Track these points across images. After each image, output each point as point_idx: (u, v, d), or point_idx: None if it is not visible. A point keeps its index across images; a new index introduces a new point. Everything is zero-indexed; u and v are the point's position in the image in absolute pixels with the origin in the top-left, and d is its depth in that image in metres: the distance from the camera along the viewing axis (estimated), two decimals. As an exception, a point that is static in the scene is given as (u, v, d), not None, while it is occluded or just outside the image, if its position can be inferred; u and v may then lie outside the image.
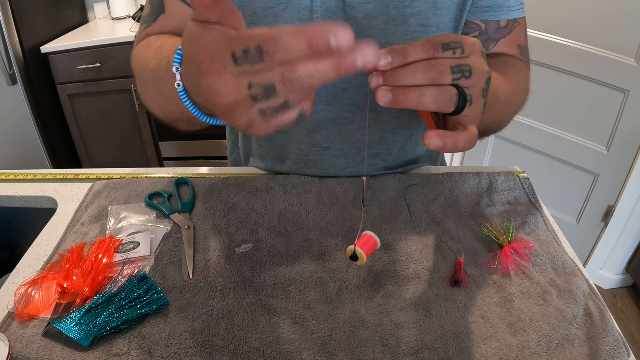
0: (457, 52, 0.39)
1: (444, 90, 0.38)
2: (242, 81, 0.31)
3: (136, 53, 0.62)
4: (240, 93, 0.32)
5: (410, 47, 0.38)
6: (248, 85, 0.31)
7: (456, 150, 0.40)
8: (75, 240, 0.65)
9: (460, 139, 0.40)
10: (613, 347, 0.51)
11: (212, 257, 0.63)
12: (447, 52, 0.39)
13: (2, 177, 0.81)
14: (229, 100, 0.32)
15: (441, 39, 0.39)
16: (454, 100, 0.38)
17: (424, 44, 0.38)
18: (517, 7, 0.67)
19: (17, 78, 1.98)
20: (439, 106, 0.38)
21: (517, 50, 0.70)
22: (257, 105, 0.32)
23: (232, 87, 0.32)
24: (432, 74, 0.38)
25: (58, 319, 0.53)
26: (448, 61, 0.38)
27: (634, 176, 1.66)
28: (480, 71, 0.40)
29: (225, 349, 0.51)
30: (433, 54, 0.38)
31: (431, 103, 0.38)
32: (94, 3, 2.53)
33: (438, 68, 0.38)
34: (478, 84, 0.40)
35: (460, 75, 0.38)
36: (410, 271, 0.61)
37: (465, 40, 0.40)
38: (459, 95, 0.38)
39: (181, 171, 0.83)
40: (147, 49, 0.58)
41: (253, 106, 0.32)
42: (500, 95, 0.55)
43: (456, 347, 0.51)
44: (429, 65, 0.38)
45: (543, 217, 0.71)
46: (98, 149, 2.40)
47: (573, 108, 1.75)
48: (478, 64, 0.40)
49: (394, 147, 0.77)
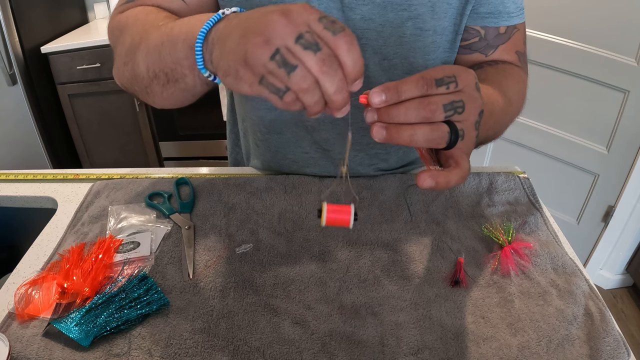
0: (450, 86, 0.39)
1: (436, 128, 0.39)
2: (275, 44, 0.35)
3: (125, 17, 0.60)
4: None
5: (404, 84, 0.39)
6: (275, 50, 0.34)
7: (448, 187, 0.41)
8: (75, 240, 0.65)
9: (451, 177, 0.41)
10: (613, 347, 0.51)
11: (212, 257, 0.63)
12: (441, 88, 0.39)
13: (2, 177, 0.81)
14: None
15: (435, 74, 0.39)
16: (445, 137, 0.39)
17: (417, 80, 0.39)
18: (516, 12, 0.67)
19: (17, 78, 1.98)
20: (431, 144, 0.39)
21: (515, 57, 0.70)
22: (269, 67, 0.35)
23: None
24: (425, 112, 0.38)
25: (58, 319, 0.53)
26: (441, 98, 0.39)
27: (634, 176, 1.66)
28: (473, 105, 0.41)
29: (225, 349, 0.51)
30: (426, 90, 0.39)
31: (423, 140, 0.39)
32: (94, 3, 2.53)
33: (430, 107, 0.38)
34: (470, 117, 0.41)
35: (452, 112, 0.39)
36: (410, 271, 0.61)
37: (459, 74, 0.40)
38: (450, 131, 0.39)
39: (181, 171, 0.83)
40: (148, 15, 0.57)
41: (266, 65, 0.35)
42: (497, 109, 0.56)
43: (456, 347, 0.51)
44: (421, 103, 0.38)
45: (543, 217, 0.71)
46: (98, 149, 2.40)
47: (573, 108, 1.75)
48: (471, 98, 0.41)
49: (392, 148, 0.77)
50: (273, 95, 0.36)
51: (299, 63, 0.34)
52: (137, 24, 0.57)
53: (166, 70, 0.49)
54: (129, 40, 0.56)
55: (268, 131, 0.76)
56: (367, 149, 0.76)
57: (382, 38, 0.64)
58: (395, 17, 0.63)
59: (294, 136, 0.75)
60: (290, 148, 0.77)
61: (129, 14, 0.60)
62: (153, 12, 0.58)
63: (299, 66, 0.34)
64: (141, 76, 0.53)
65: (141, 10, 0.60)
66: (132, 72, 0.55)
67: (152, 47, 0.51)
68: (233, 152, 0.94)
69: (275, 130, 0.76)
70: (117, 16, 0.63)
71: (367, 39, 0.64)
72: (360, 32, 0.64)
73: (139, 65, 0.53)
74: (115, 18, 0.63)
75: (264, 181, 0.77)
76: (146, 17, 0.57)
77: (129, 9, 0.63)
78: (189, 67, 0.46)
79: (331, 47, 0.35)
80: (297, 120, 0.73)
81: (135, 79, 0.55)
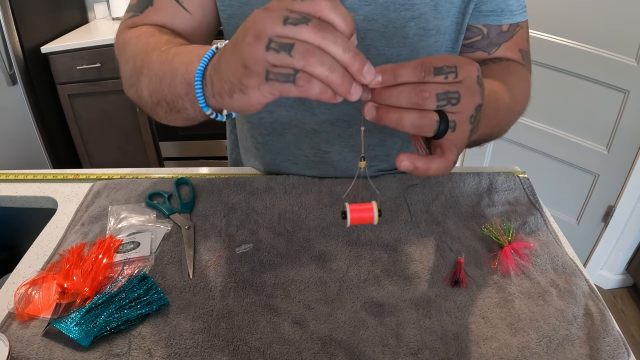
0: (449, 76, 0.39)
1: (424, 115, 0.38)
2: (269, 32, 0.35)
3: (129, 38, 0.61)
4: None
5: (402, 67, 0.39)
6: (269, 40, 0.34)
7: (427, 174, 0.41)
8: (75, 240, 0.65)
9: (432, 164, 0.40)
10: (613, 347, 0.51)
11: (212, 257, 0.63)
12: (439, 77, 0.39)
13: (2, 177, 0.81)
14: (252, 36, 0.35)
15: (435, 62, 0.39)
16: (433, 126, 0.39)
17: (416, 66, 0.39)
18: (519, 10, 0.67)
19: (17, 78, 1.98)
20: (417, 130, 0.39)
21: (519, 55, 0.69)
22: (269, 59, 0.34)
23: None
24: (416, 98, 0.38)
25: (58, 319, 0.53)
26: (435, 87, 0.38)
27: (634, 176, 1.66)
28: (470, 98, 0.40)
29: (225, 349, 0.51)
30: (423, 77, 0.38)
31: (409, 126, 0.39)
32: (94, 3, 2.53)
33: (422, 94, 0.38)
34: (466, 110, 0.40)
35: (445, 102, 0.38)
36: (410, 271, 0.61)
37: (461, 65, 0.40)
38: (440, 121, 0.39)
39: (181, 171, 0.83)
40: (150, 37, 0.58)
41: (265, 58, 0.35)
42: (502, 106, 0.55)
43: (456, 347, 0.51)
44: (414, 89, 0.38)
45: (543, 217, 0.71)
46: (98, 149, 2.40)
47: (573, 108, 1.75)
48: (469, 91, 0.40)
49: (393, 149, 0.77)
50: (286, 85, 0.35)
51: (294, 40, 0.34)
52: (140, 44, 0.57)
53: (168, 100, 0.49)
54: (132, 64, 0.56)
55: (268, 133, 0.76)
56: (367, 151, 0.76)
57: (385, 39, 0.64)
58: (398, 17, 0.63)
59: (294, 138, 0.75)
60: (290, 150, 0.77)
61: (132, 34, 0.61)
62: (156, 34, 0.59)
63: (296, 42, 0.34)
64: (145, 100, 0.54)
65: (145, 32, 0.60)
66: (136, 95, 0.56)
67: (154, 76, 0.51)
68: (233, 153, 0.94)
69: (276, 133, 0.76)
70: (123, 34, 0.63)
71: (371, 40, 0.64)
72: (363, 33, 0.64)
73: (142, 91, 0.54)
74: (121, 36, 0.64)
75: (264, 181, 0.77)
76: (148, 39, 0.58)
77: (136, 24, 0.64)
78: (189, 102, 0.46)
79: (316, 14, 0.35)
80: (297, 123, 0.73)
81: (140, 101, 0.56)
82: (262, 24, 0.35)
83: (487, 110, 0.47)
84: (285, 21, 0.34)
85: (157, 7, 0.64)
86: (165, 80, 0.48)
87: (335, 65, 0.35)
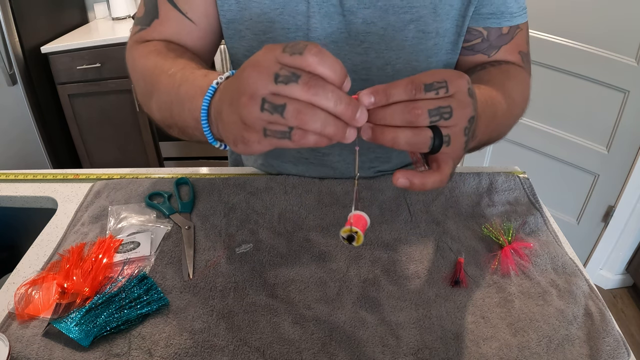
0: (440, 91, 0.39)
1: (418, 133, 0.39)
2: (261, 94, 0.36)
3: (138, 56, 0.63)
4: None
5: (393, 87, 0.39)
6: (262, 100, 0.35)
7: (424, 189, 0.42)
8: (75, 240, 0.65)
9: (427, 180, 0.41)
10: (613, 347, 0.51)
11: (212, 257, 0.63)
12: (430, 93, 0.39)
13: (2, 177, 0.81)
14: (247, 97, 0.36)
15: (425, 78, 0.39)
16: (427, 142, 0.40)
17: (407, 84, 0.39)
18: (519, 12, 0.66)
19: (17, 78, 1.98)
20: (413, 147, 0.40)
21: (518, 57, 0.69)
22: (264, 118, 0.36)
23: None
24: (409, 116, 0.39)
25: (58, 319, 0.53)
26: (426, 103, 0.39)
27: (634, 176, 1.66)
28: (462, 111, 0.40)
29: (225, 349, 0.51)
30: (414, 94, 0.39)
31: (404, 144, 0.39)
32: (94, 3, 2.53)
33: (414, 111, 0.38)
34: (459, 123, 0.41)
35: (438, 117, 0.39)
36: (410, 271, 0.61)
37: (451, 79, 0.40)
38: (434, 137, 0.40)
39: (181, 171, 0.83)
40: (158, 56, 0.59)
41: (261, 118, 0.36)
42: (500, 111, 0.56)
43: (456, 347, 0.51)
44: (406, 107, 0.39)
45: (543, 217, 0.71)
46: (98, 149, 2.40)
47: (573, 108, 1.75)
48: (461, 104, 0.40)
49: (393, 151, 0.77)
50: (283, 141, 0.37)
51: (286, 100, 0.35)
52: (149, 65, 0.59)
53: (179, 126, 0.53)
54: (142, 85, 0.60)
55: None
56: (368, 153, 0.76)
57: (384, 42, 0.64)
58: (396, 20, 0.62)
59: None
60: (290, 151, 0.77)
61: (141, 53, 0.63)
62: (163, 52, 0.61)
63: (287, 102, 0.35)
64: (159, 120, 0.58)
65: (153, 50, 0.62)
66: (150, 113, 0.59)
67: (162, 103, 0.54)
68: (233, 153, 0.94)
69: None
70: (132, 51, 0.65)
71: (370, 43, 0.64)
72: (362, 36, 0.64)
73: (154, 113, 0.57)
74: (130, 53, 0.66)
75: (264, 181, 0.77)
76: (156, 59, 0.59)
77: (144, 39, 0.66)
78: (198, 132, 0.48)
79: (305, 68, 0.35)
80: None
81: (155, 120, 0.59)
82: (254, 85, 0.36)
83: (484, 117, 0.48)
84: (276, 80, 0.35)
85: (163, 20, 0.65)
86: (174, 109, 0.51)
87: (328, 119, 0.36)
